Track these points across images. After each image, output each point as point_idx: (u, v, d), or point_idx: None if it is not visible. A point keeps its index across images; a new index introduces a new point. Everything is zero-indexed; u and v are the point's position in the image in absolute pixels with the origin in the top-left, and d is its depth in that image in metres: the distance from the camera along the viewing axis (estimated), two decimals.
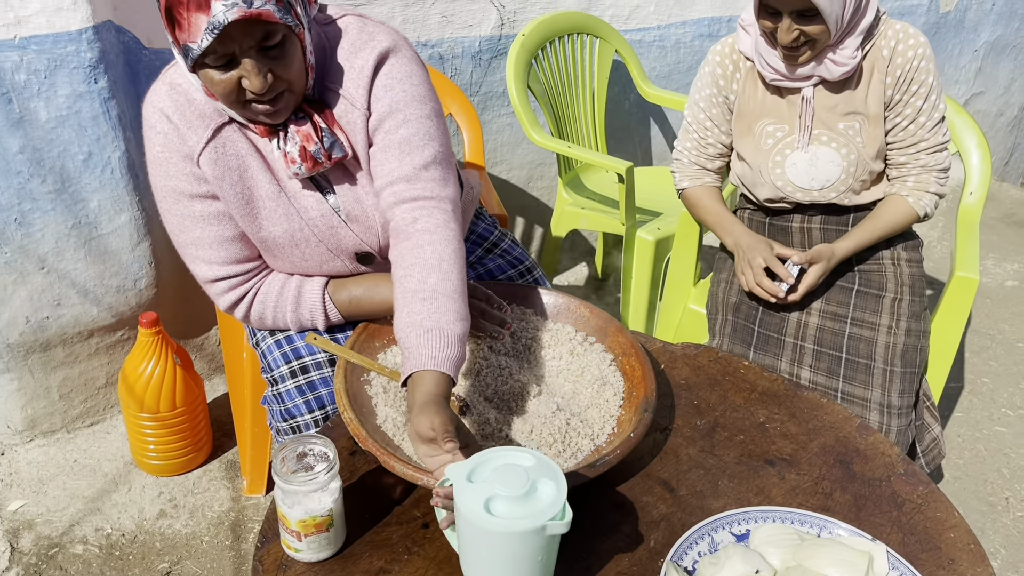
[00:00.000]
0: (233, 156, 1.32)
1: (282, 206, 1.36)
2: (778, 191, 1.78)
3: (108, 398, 2.28)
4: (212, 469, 2.15)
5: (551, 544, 0.97)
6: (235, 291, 1.41)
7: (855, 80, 1.67)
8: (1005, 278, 3.29)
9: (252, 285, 1.43)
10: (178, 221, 1.36)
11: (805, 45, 1.59)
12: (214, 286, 1.41)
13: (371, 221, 1.39)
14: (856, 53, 1.62)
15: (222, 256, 1.38)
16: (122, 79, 1.99)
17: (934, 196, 1.73)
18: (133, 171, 2.02)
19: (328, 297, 1.43)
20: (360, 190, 1.38)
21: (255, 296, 1.43)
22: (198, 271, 1.40)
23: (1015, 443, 2.38)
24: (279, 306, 1.43)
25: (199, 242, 1.37)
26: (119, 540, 1.94)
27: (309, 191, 1.37)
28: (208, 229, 1.35)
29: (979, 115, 4.05)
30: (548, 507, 0.94)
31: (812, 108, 1.69)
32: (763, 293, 1.71)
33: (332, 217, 1.38)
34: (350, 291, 1.42)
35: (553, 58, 2.66)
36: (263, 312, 1.43)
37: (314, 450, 1.07)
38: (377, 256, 1.44)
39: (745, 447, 1.28)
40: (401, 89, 1.32)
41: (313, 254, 1.40)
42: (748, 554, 1.02)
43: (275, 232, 1.37)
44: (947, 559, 1.10)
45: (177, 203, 1.34)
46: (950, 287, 1.87)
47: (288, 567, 1.07)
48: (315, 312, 1.43)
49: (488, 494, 0.94)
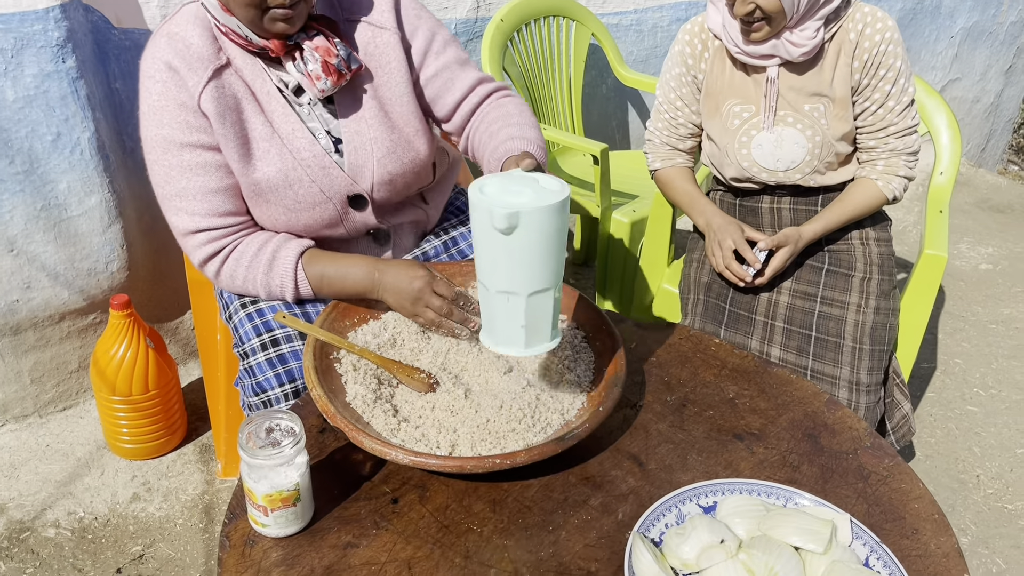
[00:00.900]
0: (231, 97, 1.37)
1: (275, 147, 1.40)
2: (744, 171, 1.78)
3: (80, 382, 2.27)
4: (186, 453, 2.14)
5: (563, 229, 1.06)
6: (213, 244, 1.41)
7: (821, 62, 1.68)
8: (979, 261, 3.32)
9: (231, 241, 1.43)
10: (165, 172, 1.38)
11: (762, 20, 1.59)
12: (193, 238, 1.41)
13: (366, 154, 1.44)
14: (816, 35, 1.62)
15: (205, 208, 1.39)
16: (91, 59, 1.97)
17: (903, 179, 1.74)
18: (103, 152, 2.00)
19: (301, 266, 1.42)
20: (363, 116, 1.44)
21: (231, 253, 1.43)
22: (179, 223, 1.41)
23: (986, 422, 2.41)
24: (252, 266, 1.42)
25: (184, 193, 1.38)
26: (92, 523, 1.93)
27: (302, 134, 1.41)
28: (195, 179, 1.37)
29: (955, 101, 4.08)
30: (560, 189, 1.05)
31: (776, 88, 1.69)
32: (732, 276, 1.72)
33: (324, 157, 1.42)
34: (323, 267, 1.42)
35: (529, 41, 2.65)
36: (235, 271, 1.43)
37: (280, 425, 1.07)
38: (368, 200, 1.47)
39: (714, 422, 1.29)
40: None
41: (306, 195, 1.42)
42: (714, 525, 1.03)
43: (269, 172, 1.40)
44: (911, 529, 1.11)
45: (167, 152, 1.37)
46: (919, 265, 1.88)
47: (255, 542, 1.06)
48: (285, 279, 1.42)
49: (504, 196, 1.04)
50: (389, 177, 1.48)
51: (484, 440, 1.17)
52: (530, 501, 1.13)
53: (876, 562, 1.02)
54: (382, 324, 1.38)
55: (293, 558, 1.04)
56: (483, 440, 1.17)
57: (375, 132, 1.45)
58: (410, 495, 1.14)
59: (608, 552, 1.06)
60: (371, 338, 1.34)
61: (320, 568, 1.03)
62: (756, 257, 1.70)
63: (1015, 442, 2.34)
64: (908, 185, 1.76)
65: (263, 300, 1.48)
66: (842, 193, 1.78)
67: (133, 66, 2.05)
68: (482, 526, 1.09)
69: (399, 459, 1.08)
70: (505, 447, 1.16)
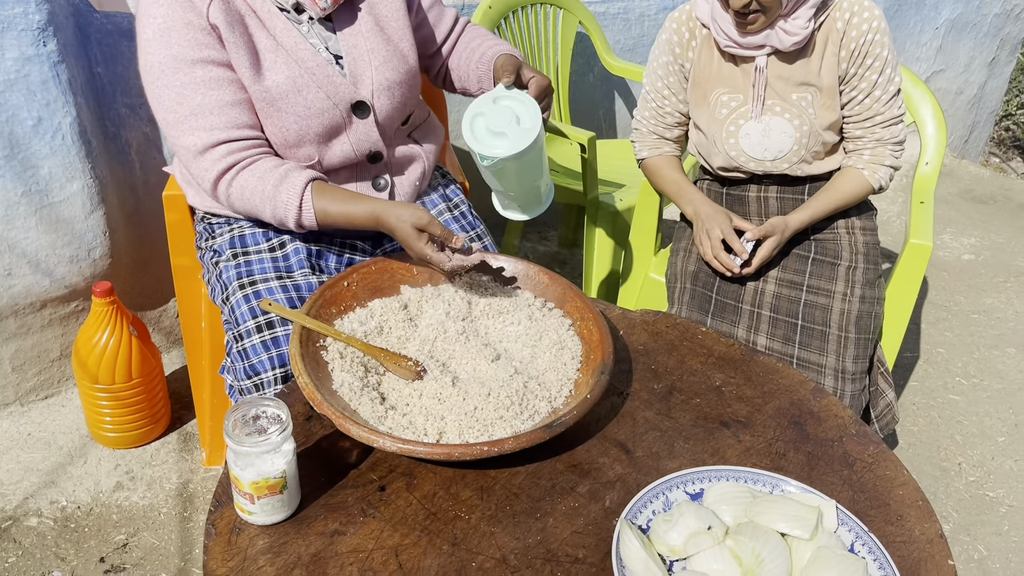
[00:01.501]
0: (235, 12, 1.41)
1: (281, 57, 1.45)
2: (732, 161, 1.78)
3: (63, 370, 2.24)
4: (170, 441, 2.13)
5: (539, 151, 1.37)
6: (233, 156, 1.42)
7: (809, 51, 1.68)
8: (962, 252, 3.35)
9: (251, 154, 1.43)
10: (177, 92, 1.38)
11: (757, 12, 1.59)
12: (213, 152, 1.41)
13: (364, 63, 1.52)
14: (808, 24, 1.62)
15: (224, 121, 1.40)
16: (72, 43, 1.94)
17: (889, 169, 1.75)
18: (85, 137, 1.98)
19: (311, 187, 1.43)
20: (360, 30, 1.52)
21: (248, 165, 1.43)
22: (196, 141, 1.40)
23: (968, 411, 2.44)
24: (264, 178, 1.42)
25: (200, 110, 1.38)
26: (75, 513, 1.91)
27: (304, 45, 1.46)
28: (210, 94, 1.39)
29: (939, 93, 4.10)
30: (532, 125, 1.34)
31: (765, 77, 1.69)
32: (719, 266, 1.73)
33: (328, 67, 1.48)
34: (333, 192, 1.44)
35: (516, 28, 2.64)
36: (247, 181, 1.42)
37: (267, 412, 1.06)
38: (371, 108, 1.53)
39: (701, 410, 1.29)
40: None
41: (315, 100, 1.46)
42: (701, 511, 1.03)
43: (279, 79, 1.44)
44: (895, 515, 1.12)
45: (177, 72, 1.37)
46: (904, 254, 1.89)
47: (241, 530, 1.06)
48: (291, 199, 1.42)
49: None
50: (387, 84, 1.54)
51: (472, 427, 1.17)
52: (518, 488, 1.13)
53: (861, 548, 1.02)
54: (369, 312, 1.38)
55: (280, 546, 1.03)
56: (471, 427, 1.17)
57: (371, 44, 1.52)
58: (397, 483, 1.13)
59: (596, 539, 1.06)
60: (358, 326, 1.33)
61: (307, 556, 1.02)
62: (743, 247, 1.70)
63: (996, 430, 2.36)
64: (894, 174, 1.77)
65: (265, 225, 1.55)
66: (828, 183, 1.78)
67: (115, 50, 2.02)
68: (470, 513, 1.09)
69: (386, 447, 1.08)
70: (493, 434, 1.16)
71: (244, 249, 1.55)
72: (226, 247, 1.56)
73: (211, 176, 1.43)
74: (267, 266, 1.52)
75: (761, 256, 1.70)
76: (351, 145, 1.54)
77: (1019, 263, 3.28)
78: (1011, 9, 4.03)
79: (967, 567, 1.93)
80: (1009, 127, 4.67)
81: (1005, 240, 3.46)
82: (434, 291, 1.43)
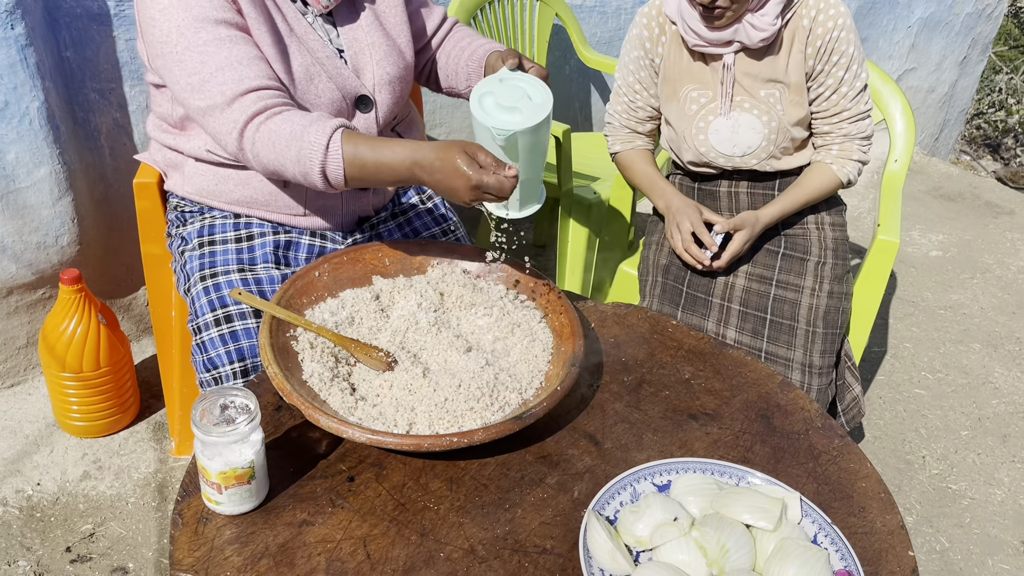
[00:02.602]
0: (250, 2, 1.39)
1: (295, 43, 1.45)
2: (701, 156, 1.80)
3: (29, 358, 2.21)
4: (139, 431, 2.11)
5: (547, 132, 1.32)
6: (264, 102, 1.33)
7: (776, 48, 1.69)
8: (930, 248, 3.40)
9: (282, 102, 1.36)
10: (201, 51, 1.33)
11: (723, 8, 1.59)
12: (244, 99, 1.32)
13: (366, 57, 1.53)
14: (776, 20, 1.63)
15: (254, 72, 1.34)
16: (40, 26, 1.91)
17: (857, 163, 1.77)
18: (53, 122, 1.95)
19: (340, 133, 1.30)
20: (361, 25, 1.53)
21: (279, 113, 1.34)
22: (224, 91, 1.32)
23: (933, 405, 2.48)
24: (293, 122, 1.31)
25: (228, 63, 1.33)
26: (40, 502, 1.89)
27: (314, 36, 1.47)
28: (238, 48, 1.35)
29: (911, 91, 4.15)
30: (544, 100, 1.29)
31: (733, 75, 1.70)
32: (690, 259, 1.74)
33: (336, 59, 1.49)
34: (358, 147, 1.30)
35: (493, 20, 2.63)
36: (274, 128, 1.32)
37: (235, 402, 1.06)
38: (373, 102, 1.53)
39: (670, 402, 1.31)
40: None
41: (325, 90, 1.47)
42: (668, 503, 1.04)
43: (294, 64, 1.43)
44: (858, 507, 1.14)
45: (200, 31, 1.33)
46: (872, 250, 1.92)
47: (209, 520, 1.05)
48: (319, 139, 1.29)
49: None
50: (388, 78, 1.54)
51: (442, 419, 1.17)
52: (487, 479, 1.14)
53: (824, 539, 1.04)
54: (340, 302, 1.37)
55: (247, 536, 1.03)
56: (441, 419, 1.17)
57: (372, 38, 1.53)
58: (366, 473, 1.13)
59: (563, 530, 1.07)
60: (329, 316, 1.33)
61: (274, 546, 1.02)
62: (713, 240, 1.72)
63: (960, 424, 2.41)
64: (862, 169, 1.79)
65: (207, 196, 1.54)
66: (799, 178, 1.80)
67: (85, 34, 1.99)
68: (439, 504, 1.09)
69: (356, 437, 1.08)
70: (463, 426, 1.17)
71: (211, 238, 1.54)
72: (194, 235, 1.55)
73: (240, 123, 1.33)
74: (231, 258, 1.50)
75: (732, 250, 1.72)
76: None
77: (985, 260, 3.33)
78: (983, 8, 4.08)
79: (929, 558, 1.97)
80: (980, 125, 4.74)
81: (972, 237, 3.51)
82: (406, 282, 1.43)
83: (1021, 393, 2.56)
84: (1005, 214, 3.75)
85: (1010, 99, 4.73)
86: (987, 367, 2.67)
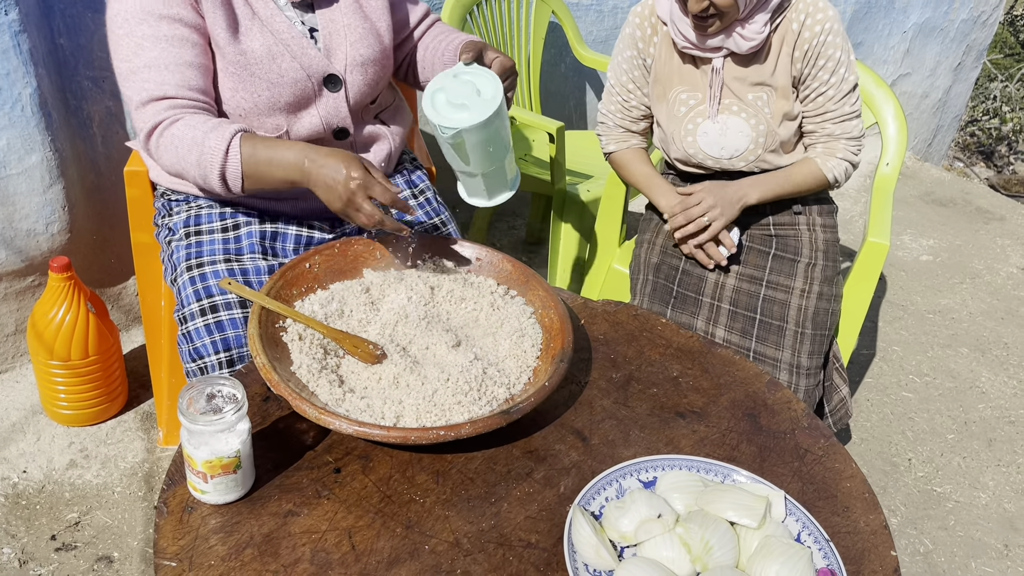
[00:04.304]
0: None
1: (257, 26, 1.46)
2: (690, 157, 1.80)
3: (17, 346, 2.21)
4: (127, 420, 2.11)
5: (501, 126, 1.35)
6: (173, 111, 1.38)
7: (765, 52, 1.69)
8: (920, 253, 3.41)
9: (192, 109, 1.40)
10: (136, 43, 1.37)
11: (714, 16, 1.60)
12: (156, 105, 1.38)
13: (340, 38, 1.53)
14: (764, 28, 1.63)
15: (177, 79, 1.38)
16: (34, 12, 1.90)
17: (843, 162, 1.77)
18: (45, 109, 1.94)
19: (239, 138, 1.36)
20: (339, 7, 1.54)
21: (183, 118, 1.38)
22: (142, 91, 1.37)
23: (920, 408, 2.49)
24: (195, 127, 1.37)
25: (156, 63, 1.37)
26: (26, 489, 1.89)
27: (280, 17, 1.48)
28: (171, 51, 1.37)
29: (905, 96, 4.16)
30: (493, 95, 1.32)
31: (721, 78, 1.71)
32: (703, 258, 1.75)
33: (302, 39, 1.49)
34: (258, 142, 1.37)
35: (489, 15, 2.63)
36: (176, 133, 1.37)
37: (223, 391, 1.05)
38: (343, 82, 1.54)
39: (657, 400, 1.31)
40: None
41: (288, 70, 1.47)
42: (653, 499, 1.05)
43: (255, 45, 1.45)
44: (842, 506, 1.14)
45: (142, 23, 1.36)
46: (862, 252, 1.93)
47: (194, 509, 1.05)
48: (218, 144, 1.35)
49: None
50: (361, 60, 1.55)
51: (429, 412, 1.17)
52: (473, 473, 1.14)
53: (807, 538, 1.05)
54: (330, 294, 1.37)
55: (232, 525, 1.03)
56: (428, 412, 1.17)
57: (348, 20, 1.54)
58: (353, 465, 1.13)
59: (549, 524, 1.07)
60: (318, 308, 1.33)
61: (259, 536, 1.02)
62: (732, 241, 1.73)
63: (946, 428, 2.42)
64: (850, 170, 1.79)
65: (191, 184, 1.51)
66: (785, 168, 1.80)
67: (79, 21, 1.98)
68: (425, 497, 1.10)
69: (343, 429, 1.08)
70: (450, 419, 1.17)
71: (197, 228, 1.53)
72: (180, 225, 1.54)
73: (146, 127, 1.39)
74: (217, 247, 1.50)
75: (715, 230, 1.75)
76: (320, 118, 1.54)
77: (975, 265, 3.35)
78: (978, 15, 4.10)
79: (913, 560, 1.98)
80: (974, 132, 4.76)
81: (963, 243, 3.53)
82: (397, 275, 1.42)
83: (1007, 398, 2.58)
84: (996, 220, 3.77)
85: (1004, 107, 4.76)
86: (974, 372, 2.68)
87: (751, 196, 1.75)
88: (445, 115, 1.29)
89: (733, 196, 1.73)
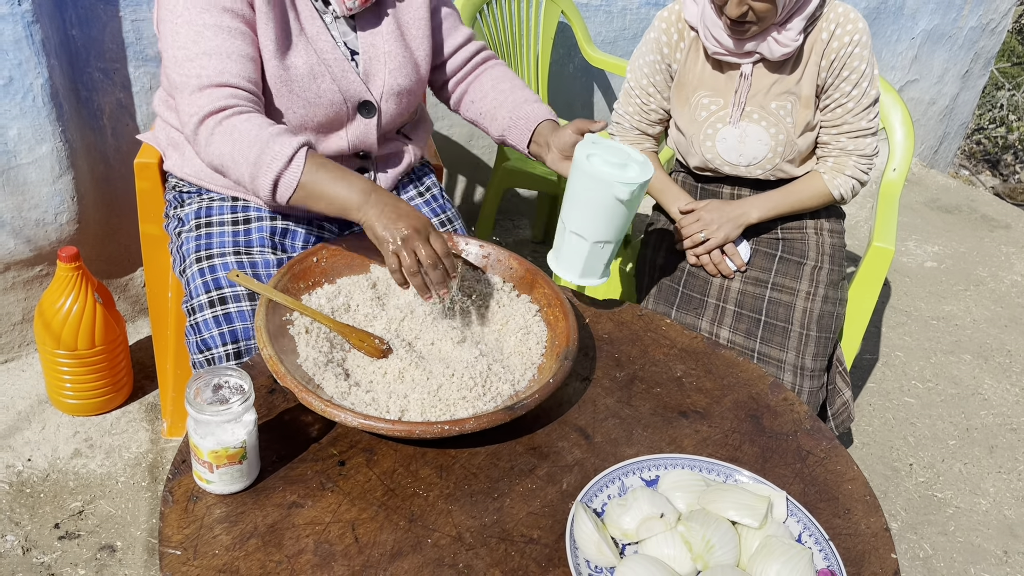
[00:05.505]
0: None
1: (303, 42, 1.46)
2: (707, 162, 1.81)
3: (24, 335, 2.22)
4: (132, 410, 2.12)
5: (635, 202, 1.34)
6: (232, 100, 1.35)
7: (793, 61, 1.69)
8: (925, 259, 3.41)
9: (250, 107, 1.37)
10: (197, 31, 1.35)
11: (751, 23, 1.60)
12: (216, 90, 1.34)
13: (379, 64, 1.53)
14: (799, 36, 1.63)
15: (238, 68, 1.37)
16: (47, 3, 1.91)
17: (850, 179, 1.77)
18: (56, 100, 1.95)
19: (304, 152, 1.33)
20: (381, 32, 1.54)
21: (244, 113, 1.35)
22: (203, 76, 1.34)
23: (922, 413, 2.49)
24: (261, 127, 1.34)
25: (216, 52, 1.35)
26: (30, 478, 1.90)
27: (325, 36, 1.48)
28: (232, 42, 1.37)
29: (912, 102, 4.16)
30: (646, 160, 1.34)
31: (749, 84, 1.71)
32: (712, 268, 1.77)
33: (344, 62, 1.49)
34: (325, 162, 1.35)
35: (499, 14, 2.64)
36: (236, 127, 1.34)
37: (229, 382, 1.06)
38: (377, 109, 1.54)
39: (661, 399, 1.32)
40: None
41: (327, 90, 1.47)
42: (655, 497, 1.05)
43: (298, 62, 1.44)
44: (843, 509, 1.15)
45: (205, 12, 1.36)
46: (867, 257, 1.93)
47: (199, 498, 1.06)
48: (283, 150, 1.31)
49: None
50: (397, 89, 1.55)
51: (434, 407, 1.18)
52: (477, 468, 1.14)
53: (808, 538, 1.05)
54: (337, 288, 1.38)
55: (237, 515, 1.04)
56: (433, 407, 1.18)
57: (390, 47, 1.54)
58: (357, 458, 1.14)
59: (551, 520, 1.08)
60: (325, 302, 1.34)
61: (263, 526, 1.03)
62: (742, 258, 1.77)
63: (948, 434, 2.42)
64: (858, 187, 1.78)
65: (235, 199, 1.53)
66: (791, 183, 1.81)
67: (91, 12, 1.99)
68: (428, 491, 1.10)
69: (348, 421, 1.09)
70: (455, 414, 1.17)
71: (208, 220, 1.54)
72: (191, 217, 1.55)
73: (202, 112, 1.35)
74: (227, 240, 1.50)
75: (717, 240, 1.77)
76: (347, 141, 1.54)
77: (979, 272, 3.35)
78: (987, 23, 4.09)
79: (912, 565, 1.98)
80: (980, 141, 4.75)
81: (967, 250, 3.53)
82: None
83: (1010, 405, 2.58)
84: (1001, 228, 3.77)
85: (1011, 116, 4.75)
86: (977, 378, 2.68)
87: (752, 215, 1.76)
88: (618, 174, 1.30)
89: (733, 214, 1.75)
